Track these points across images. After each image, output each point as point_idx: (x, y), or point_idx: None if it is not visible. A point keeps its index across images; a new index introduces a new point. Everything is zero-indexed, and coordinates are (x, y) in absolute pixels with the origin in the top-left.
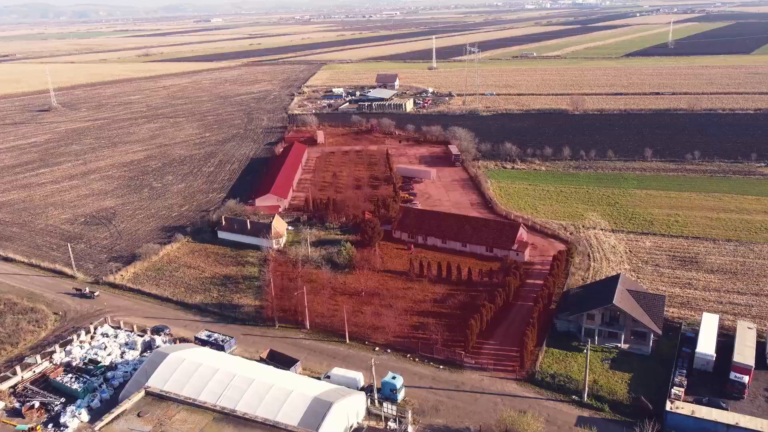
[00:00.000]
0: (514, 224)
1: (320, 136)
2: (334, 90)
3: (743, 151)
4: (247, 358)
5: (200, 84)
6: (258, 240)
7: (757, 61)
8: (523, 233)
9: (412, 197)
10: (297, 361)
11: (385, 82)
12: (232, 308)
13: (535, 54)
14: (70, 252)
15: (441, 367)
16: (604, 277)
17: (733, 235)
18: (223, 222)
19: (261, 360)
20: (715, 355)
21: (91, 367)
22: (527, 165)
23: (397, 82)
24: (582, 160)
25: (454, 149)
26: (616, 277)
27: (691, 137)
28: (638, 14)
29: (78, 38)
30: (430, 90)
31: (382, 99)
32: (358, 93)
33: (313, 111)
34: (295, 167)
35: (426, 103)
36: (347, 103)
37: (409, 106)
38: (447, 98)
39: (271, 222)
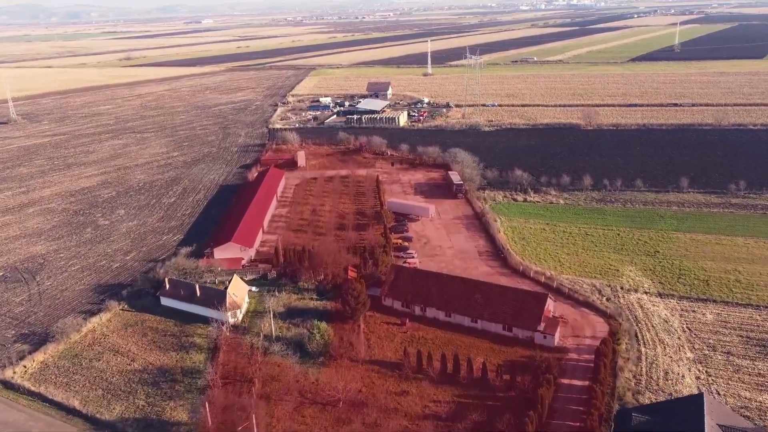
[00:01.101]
0: (539, 296)
1: (301, 158)
2: (321, 100)
3: None
4: None
5: (178, 92)
6: (209, 311)
7: None
8: (550, 305)
9: (406, 243)
10: None
11: (376, 90)
12: (161, 427)
13: (535, 58)
14: None
15: None
16: (676, 396)
17: None
18: (167, 285)
19: None
20: None
21: None
22: (542, 197)
23: (389, 91)
24: (606, 190)
25: (455, 176)
26: (697, 401)
27: (726, 159)
28: (635, 15)
29: (64, 40)
30: (426, 100)
31: (373, 111)
32: (347, 103)
33: (297, 125)
34: (269, 200)
35: (421, 115)
36: (335, 116)
37: (402, 119)
38: (444, 110)
39: (226, 289)
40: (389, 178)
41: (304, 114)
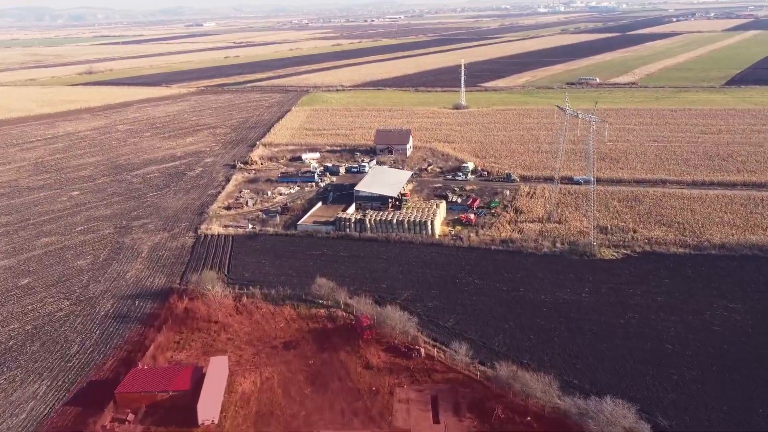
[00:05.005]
0: None
1: (212, 397)
2: (303, 158)
3: None
4: None
5: (111, 131)
6: None
7: None
8: None
9: None
10: None
11: (389, 143)
12: None
13: (598, 80)
14: None
15: None
16: None
17: None
18: None
19: None
20: None
21: None
22: None
23: (409, 144)
24: None
25: None
26: None
27: None
28: (674, 19)
29: (46, 46)
30: (470, 167)
31: (384, 198)
32: (342, 168)
33: (250, 225)
34: None
35: (471, 205)
36: (320, 204)
37: (438, 222)
38: (507, 191)
39: None
40: None
41: (270, 193)
